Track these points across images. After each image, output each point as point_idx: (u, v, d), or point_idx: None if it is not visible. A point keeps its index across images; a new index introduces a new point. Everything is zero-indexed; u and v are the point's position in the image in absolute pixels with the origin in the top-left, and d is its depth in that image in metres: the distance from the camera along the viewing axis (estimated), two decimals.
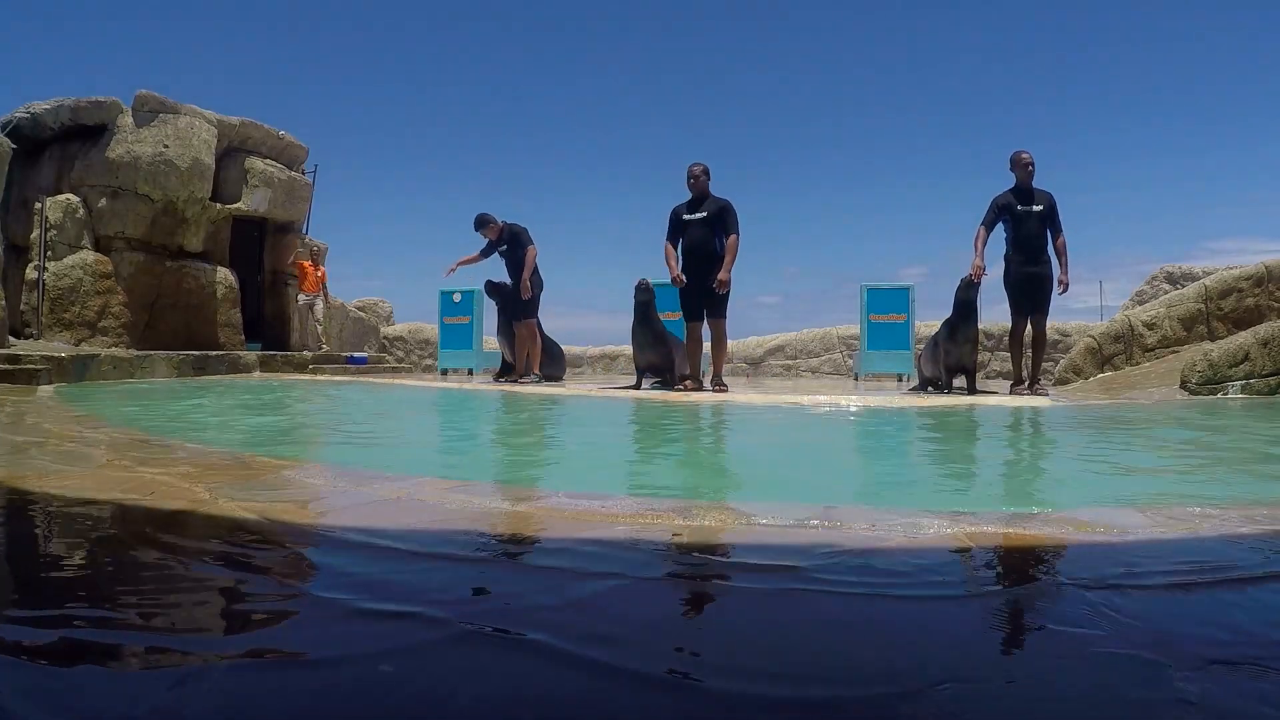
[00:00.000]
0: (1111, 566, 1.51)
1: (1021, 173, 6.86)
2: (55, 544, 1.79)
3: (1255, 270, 9.06)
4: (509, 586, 1.47)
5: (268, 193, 12.81)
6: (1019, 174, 6.87)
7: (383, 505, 2.12)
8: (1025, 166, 6.84)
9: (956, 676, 1.03)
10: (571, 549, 1.66)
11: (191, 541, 1.77)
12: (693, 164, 7.26)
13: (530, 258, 8.56)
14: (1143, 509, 2.03)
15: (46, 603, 1.35)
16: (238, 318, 12.47)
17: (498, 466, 3.43)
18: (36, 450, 3.19)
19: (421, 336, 17.32)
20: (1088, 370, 9.54)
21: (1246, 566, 1.53)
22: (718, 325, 7.31)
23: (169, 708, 0.92)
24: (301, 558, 1.67)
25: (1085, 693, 0.98)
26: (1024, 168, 6.84)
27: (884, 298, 10.69)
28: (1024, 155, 6.86)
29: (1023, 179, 6.85)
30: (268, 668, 1.07)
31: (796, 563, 1.52)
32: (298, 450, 3.87)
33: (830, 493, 2.55)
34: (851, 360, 14.02)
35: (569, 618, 1.25)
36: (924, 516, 1.93)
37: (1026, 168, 6.83)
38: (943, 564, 1.57)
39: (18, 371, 7.47)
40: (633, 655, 1.09)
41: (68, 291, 10.84)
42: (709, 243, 7.15)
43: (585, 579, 1.44)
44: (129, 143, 11.31)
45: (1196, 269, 14.45)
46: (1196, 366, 7.19)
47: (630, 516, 1.92)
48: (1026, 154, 6.87)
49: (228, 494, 2.19)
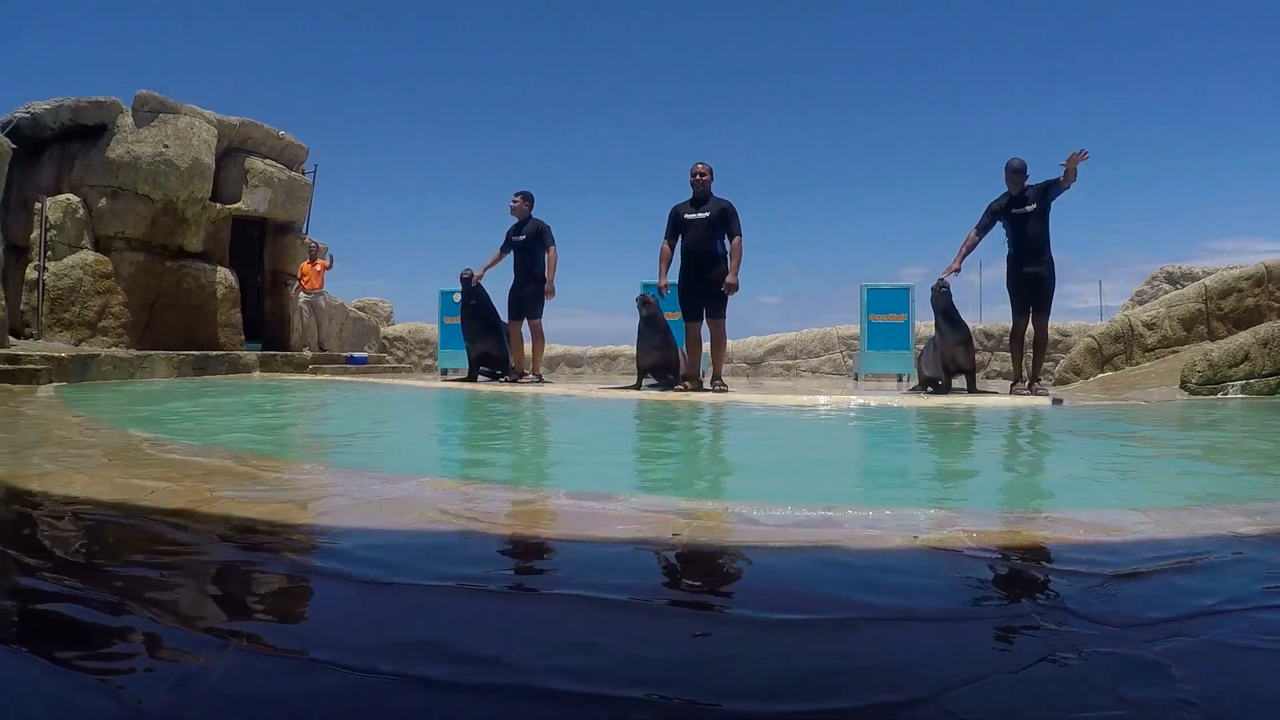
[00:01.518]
0: (1112, 567, 1.51)
1: (1010, 180, 6.90)
2: (55, 544, 1.79)
3: (1255, 270, 9.06)
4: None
5: (268, 193, 12.81)
6: (1008, 181, 6.93)
7: (383, 506, 2.12)
8: (1013, 174, 6.88)
9: (957, 676, 1.03)
10: (571, 554, 1.66)
11: (191, 542, 1.77)
12: (697, 162, 7.27)
13: (554, 259, 8.50)
14: (1142, 509, 2.03)
15: (47, 603, 1.35)
16: (238, 318, 12.47)
17: (499, 467, 3.43)
18: (36, 451, 3.18)
19: (421, 336, 17.32)
20: (1088, 370, 9.54)
21: (1247, 567, 1.53)
22: (717, 326, 7.30)
23: (169, 707, 0.92)
24: (301, 558, 1.67)
25: (1085, 693, 0.98)
26: (1011, 174, 6.89)
27: (884, 298, 10.68)
28: (1013, 162, 6.91)
29: (1011, 187, 6.89)
30: (266, 668, 1.07)
31: (796, 562, 1.52)
32: (298, 450, 3.87)
33: (831, 493, 2.55)
34: (851, 360, 14.02)
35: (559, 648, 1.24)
36: (924, 517, 1.93)
37: (1014, 174, 6.87)
38: (943, 564, 1.57)
39: (18, 372, 7.47)
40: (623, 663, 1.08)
41: (68, 291, 10.84)
42: (709, 243, 7.14)
43: (583, 593, 1.44)
44: (129, 143, 11.30)
45: (1196, 269, 14.45)
46: (1196, 366, 7.19)
47: (630, 517, 1.92)
48: (1016, 160, 6.91)
49: (227, 494, 2.19)
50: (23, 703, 0.94)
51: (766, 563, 1.55)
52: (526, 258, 8.59)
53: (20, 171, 10.91)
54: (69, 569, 1.57)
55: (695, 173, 7.24)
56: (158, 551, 1.70)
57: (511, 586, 1.50)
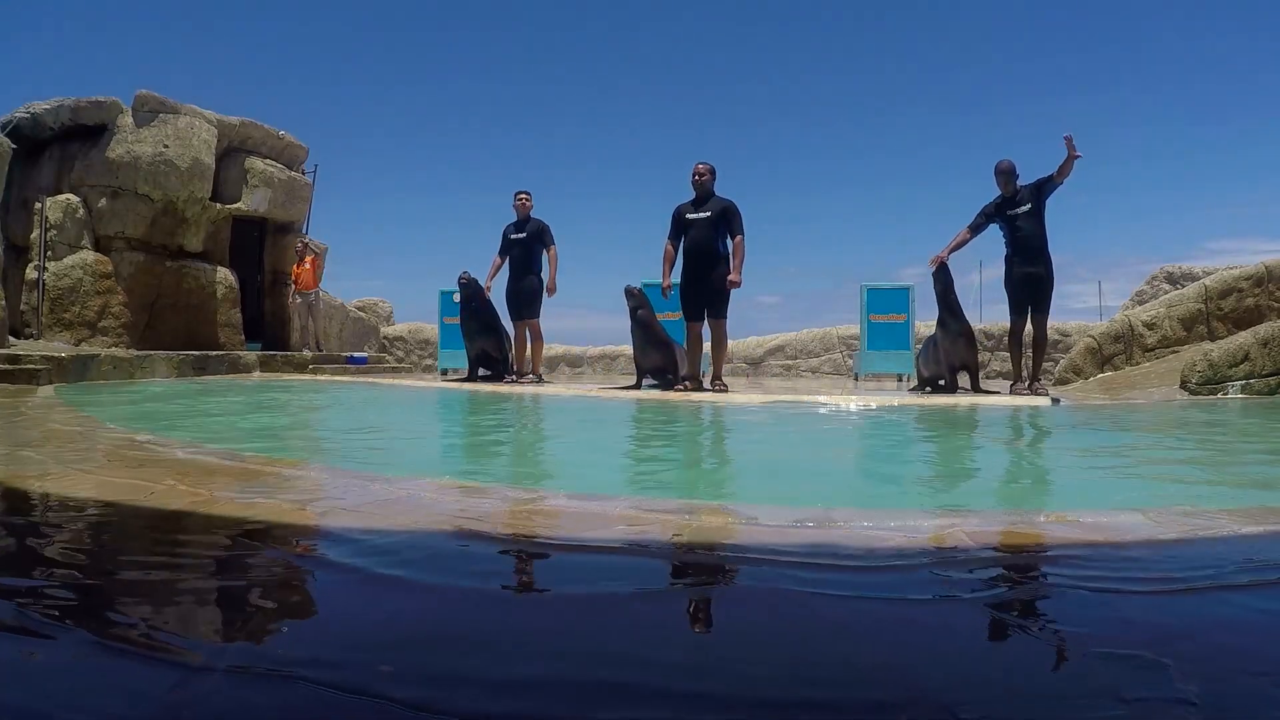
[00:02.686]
0: (1111, 567, 1.51)
1: (1000, 182, 6.91)
2: (55, 544, 1.79)
3: (1255, 270, 9.06)
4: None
5: (268, 193, 12.81)
6: (999, 183, 6.94)
7: (384, 506, 2.12)
8: (1002, 175, 6.90)
9: (956, 675, 1.03)
10: (571, 555, 1.66)
11: (191, 542, 1.77)
12: (698, 162, 7.28)
13: (555, 257, 8.50)
14: (1143, 510, 2.03)
15: (47, 601, 1.35)
16: (238, 318, 12.47)
17: (498, 468, 3.43)
18: (36, 451, 3.18)
19: (421, 336, 17.33)
20: (1088, 370, 9.54)
21: (1247, 567, 1.53)
22: (719, 325, 7.31)
23: (169, 707, 0.92)
24: (300, 559, 1.67)
25: (1085, 693, 0.98)
26: (1000, 176, 6.90)
27: (884, 298, 10.68)
28: (1001, 164, 6.93)
29: (1003, 188, 6.91)
30: (267, 669, 1.07)
31: (796, 562, 1.52)
32: (298, 450, 3.87)
33: (831, 493, 2.55)
34: (851, 360, 14.02)
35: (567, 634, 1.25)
36: (924, 517, 1.93)
37: (1003, 175, 6.89)
38: (942, 564, 1.57)
39: (18, 372, 7.47)
40: (637, 658, 1.08)
41: (68, 291, 10.85)
42: (712, 242, 7.15)
43: (581, 588, 1.44)
44: (129, 143, 11.31)
45: (1196, 269, 14.46)
46: (1196, 366, 7.19)
47: (630, 517, 1.92)
48: (1004, 162, 6.92)
49: (227, 494, 2.19)
50: (23, 702, 0.94)
51: (767, 562, 1.55)
52: (526, 256, 8.57)
53: (20, 171, 10.91)
54: (69, 569, 1.57)
55: (696, 173, 7.25)
56: (157, 551, 1.70)
57: (512, 587, 1.50)
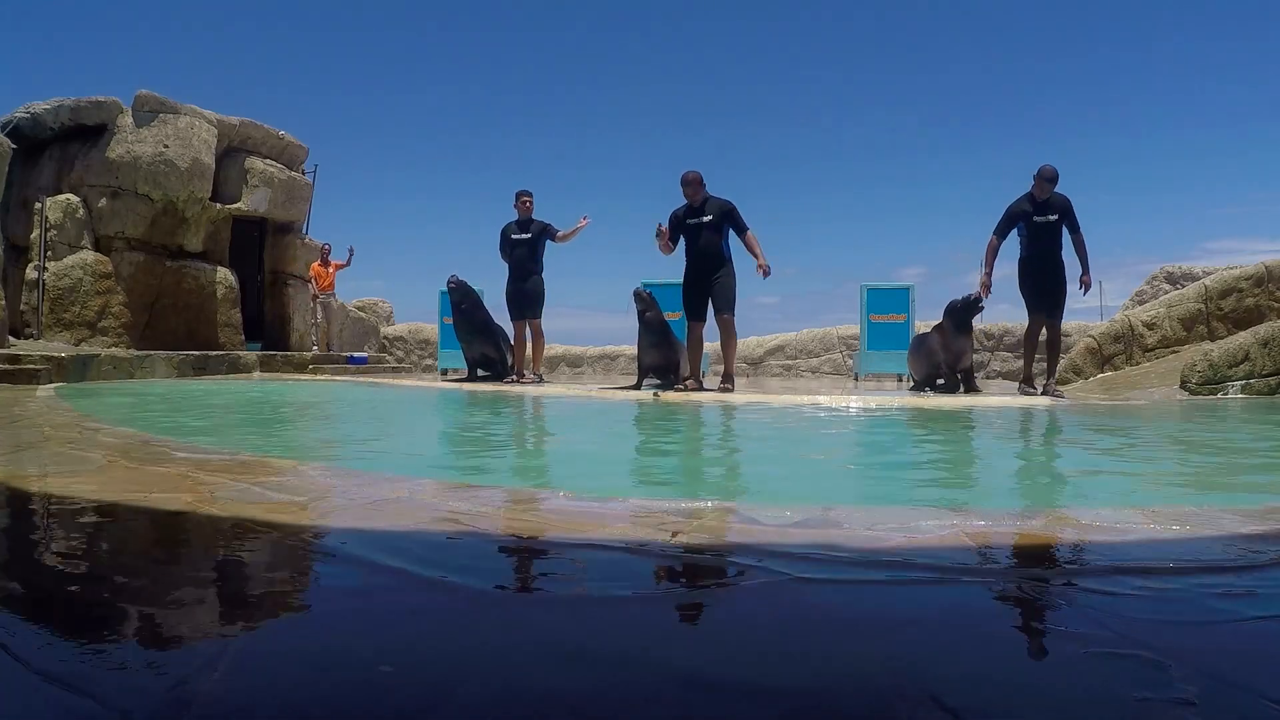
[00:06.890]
0: (1111, 567, 1.51)
1: (1039, 186, 6.81)
2: (56, 544, 1.79)
3: (1255, 270, 9.06)
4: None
5: (268, 193, 12.81)
6: (1036, 187, 6.84)
7: (384, 506, 2.12)
8: (1045, 181, 6.76)
9: (956, 674, 1.03)
10: (571, 555, 1.66)
11: (190, 541, 1.77)
12: (685, 173, 7.19)
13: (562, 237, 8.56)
14: (1143, 509, 2.03)
15: (47, 601, 1.35)
16: (238, 318, 12.47)
17: (498, 467, 3.43)
18: (36, 451, 3.18)
19: (421, 336, 17.33)
20: (1088, 370, 9.54)
21: (1248, 567, 1.53)
22: (727, 321, 7.27)
23: (169, 707, 0.92)
24: (301, 558, 1.67)
25: (1085, 692, 0.98)
26: (1042, 181, 6.77)
27: (884, 298, 10.70)
28: (1046, 170, 6.78)
29: (1039, 192, 6.83)
30: (267, 669, 1.07)
31: (798, 562, 1.52)
32: (299, 450, 3.87)
33: (831, 493, 2.55)
34: (851, 360, 14.02)
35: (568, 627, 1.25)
36: (924, 516, 1.93)
37: (1046, 181, 6.76)
38: (942, 564, 1.57)
39: (18, 371, 7.47)
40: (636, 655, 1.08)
41: (68, 291, 10.85)
42: (715, 245, 7.14)
43: (585, 588, 1.44)
44: (129, 143, 11.31)
45: (1196, 269, 14.46)
46: (1196, 366, 7.19)
47: (629, 517, 1.92)
48: (1049, 169, 6.77)
49: (227, 494, 2.19)
50: (23, 702, 0.94)
51: (766, 562, 1.55)
52: (528, 256, 8.58)
53: (20, 171, 10.92)
54: (69, 569, 1.57)
55: (685, 183, 7.18)
56: (157, 551, 1.70)
57: (513, 587, 1.50)
